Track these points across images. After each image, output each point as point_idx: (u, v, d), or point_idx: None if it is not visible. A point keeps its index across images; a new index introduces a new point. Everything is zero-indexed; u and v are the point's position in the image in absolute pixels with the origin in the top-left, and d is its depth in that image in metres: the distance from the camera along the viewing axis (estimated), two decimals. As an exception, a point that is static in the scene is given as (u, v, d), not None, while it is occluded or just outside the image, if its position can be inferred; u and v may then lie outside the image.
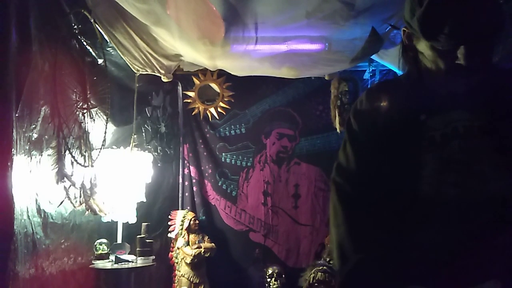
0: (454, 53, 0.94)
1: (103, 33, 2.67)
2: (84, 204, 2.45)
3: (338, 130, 3.54)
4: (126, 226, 2.93)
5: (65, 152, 2.22)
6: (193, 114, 3.90)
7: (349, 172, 1.10)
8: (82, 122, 2.45)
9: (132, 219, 2.90)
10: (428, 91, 1.05)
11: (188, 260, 3.40)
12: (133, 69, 3.07)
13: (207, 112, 3.87)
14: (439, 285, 0.98)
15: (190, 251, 3.41)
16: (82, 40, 2.58)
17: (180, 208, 3.79)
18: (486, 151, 0.98)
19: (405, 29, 1.06)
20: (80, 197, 2.41)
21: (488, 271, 0.94)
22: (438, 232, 0.98)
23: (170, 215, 3.61)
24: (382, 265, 1.00)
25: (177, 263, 3.50)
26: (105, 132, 2.75)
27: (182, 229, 3.52)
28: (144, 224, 3.06)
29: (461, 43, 0.93)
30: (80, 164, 2.39)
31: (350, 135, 1.13)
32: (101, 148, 2.69)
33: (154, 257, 3.00)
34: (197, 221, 3.59)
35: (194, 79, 3.85)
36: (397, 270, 0.99)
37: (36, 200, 2.01)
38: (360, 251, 1.03)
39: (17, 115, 1.78)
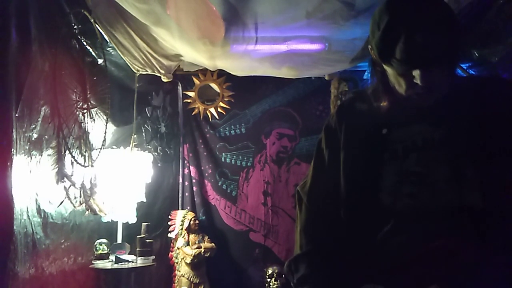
0: (411, 74, 0.97)
1: (103, 33, 2.67)
2: (84, 204, 2.45)
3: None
4: (126, 226, 2.93)
5: (65, 152, 2.22)
6: (193, 114, 3.90)
7: (309, 188, 1.22)
8: (82, 122, 2.45)
9: (132, 219, 2.90)
10: (392, 105, 1.08)
11: (188, 260, 3.40)
12: (133, 69, 3.07)
13: (207, 112, 3.87)
14: (392, 285, 1.03)
15: (190, 251, 3.41)
16: (82, 40, 2.58)
17: (180, 208, 3.79)
18: (443, 163, 1.01)
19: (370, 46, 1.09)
20: (80, 197, 2.41)
21: (432, 276, 0.98)
22: (394, 239, 1.03)
23: (170, 215, 3.61)
24: (331, 260, 1.12)
25: (177, 263, 3.50)
26: (105, 132, 2.75)
27: (182, 229, 3.52)
28: (144, 224, 3.06)
29: (413, 68, 0.96)
30: (80, 164, 2.39)
31: (318, 151, 1.22)
32: (101, 148, 2.69)
33: (154, 257, 2.99)
34: (197, 221, 3.59)
35: (194, 79, 3.85)
36: (353, 269, 1.08)
37: (36, 200, 2.01)
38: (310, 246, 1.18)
39: (17, 115, 1.78)
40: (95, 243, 2.75)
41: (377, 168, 1.07)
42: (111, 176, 2.73)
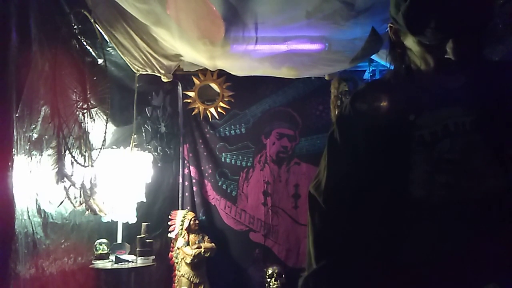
0: (443, 48, 0.91)
1: (103, 33, 2.67)
2: (84, 204, 2.45)
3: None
4: (126, 226, 2.93)
5: (65, 152, 2.21)
6: (193, 114, 3.90)
7: (325, 187, 1.06)
8: (82, 122, 2.45)
9: (132, 219, 2.90)
10: (417, 89, 1.00)
11: (188, 260, 3.40)
12: (133, 69, 3.07)
13: (207, 112, 3.87)
14: None
15: (190, 251, 3.41)
16: (82, 40, 2.58)
17: (180, 208, 3.79)
18: (479, 148, 0.93)
19: (391, 25, 1.02)
20: (80, 197, 2.41)
21: (486, 275, 0.90)
22: (431, 236, 0.93)
23: (170, 215, 3.61)
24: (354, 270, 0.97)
25: (177, 263, 3.50)
26: (105, 132, 2.75)
27: (182, 229, 3.52)
28: (144, 224, 3.06)
29: (449, 36, 0.90)
30: (80, 164, 2.39)
31: (332, 145, 1.09)
32: (101, 148, 2.69)
33: (154, 257, 2.99)
34: (197, 221, 3.59)
35: (194, 79, 3.85)
36: (382, 281, 0.95)
37: (36, 200, 2.01)
38: (328, 257, 1.01)
39: (17, 115, 1.78)
40: (95, 243, 2.75)
41: (404, 159, 0.96)
42: (111, 176, 2.73)
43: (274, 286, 3.48)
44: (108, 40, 2.75)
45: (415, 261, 0.93)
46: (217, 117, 3.90)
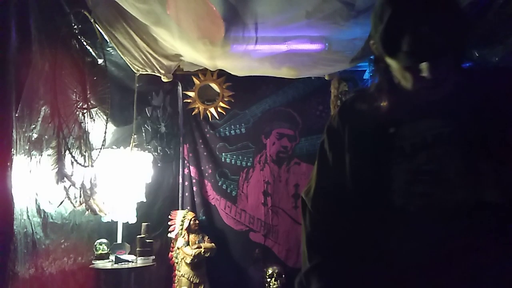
0: (418, 67, 0.93)
1: (103, 33, 2.67)
2: (84, 204, 2.45)
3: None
4: (126, 226, 2.93)
5: (65, 152, 2.21)
6: (193, 114, 3.90)
7: (314, 193, 1.14)
8: (82, 122, 2.45)
9: (132, 219, 2.90)
10: (398, 102, 1.03)
11: (188, 260, 3.40)
12: (133, 69, 3.07)
13: (207, 112, 3.87)
14: None
15: (190, 251, 3.41)
16: (82, 40, 2.58)
17: (180, 208, 3.79)
18: (455, 158, 0.95)
19: (373, 41, 1.05)
20: (80, 197, 2.41)
21: (452, 279, 0.93)
22: (408, 242, 0.97)
23: (170, 215, 3.61)
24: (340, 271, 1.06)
25: (177, 263, 3.50)
26: (105, 132, 2.75)
27: (182, 229, 3.52)
28: (144, 224, 3.06)
29: (421, 60, 0.92)
30: (80, 164, 2.39)
31: (321, 154, 1.15)
32: (101, 148, 2.69)
33: (154, 257, 2.99)
34: (197, 221, 3.59)
35: (194, 79, 3.85)
36: (366, 279, 1.01)
37: (36, 200, 2.01)
38: (319, 259, 1.10)
39: (17, 115, 1.78)
40: (95, 243, 2.75)
41: (385, 169, 1.01)
42: (111, 176, 2.73)
43: (274, 286, 3.48)
44: (108, 40, 2.75)
45: (395, 262, 0.98)
46: (217, 117, 3.90)
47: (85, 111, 2.47)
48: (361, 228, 1.03)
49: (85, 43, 2.61)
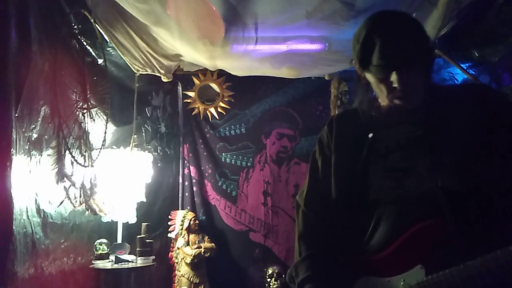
0: (389, 79, 1.11)
1: (103, 33, 2.67)
2: (84, 204, 2.45)
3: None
4: (126, 226, 2.93)
5: (65, 152, 2.21)
6: (193, 114, 3.90)
7: (306, 195, 1.35)
8: (82, 122, 2.45)
9: (132, 219, 2.90)
10: (377, 112, 1.24)
11: (188, 260, 3.40)
12: (133, 69, 3.07)
13: (207, 112, 3.87)
14: (381, 273, 1.13)
15: (190, 251, 3.41)
16: (82, 40, 2.58)
17: (180, 208, 3.79)
18: (423, 157, 1.13)
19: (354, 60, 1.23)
20: (80, 197, 2.41)
21: (417, 257, 1.10)
22: (384, 229, 1.15)
23: (170, 215, 3.61)
24: (329, 259, 1.21)
25: (177, 263, 3.50)
26: (105, 132, 2.75)
27: (182, 229, 3.52)
28: (144, 224, 3.06)
29: (389, 70, 1.10)
30: (80, 164, 2.39)
31: (313, 161, 1.36)
32: (101, 148, 2.69)
33: (154, 257, 2.99)
34: (197, 221, 3.59)
35: (194, 79, 3.85)
36: (348, 264, 1.18)
37: (36, 200, 2.01)
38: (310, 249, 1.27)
39: (17, 115, 1.78)
40: (95, 243, 2.75)
41: (364, 169, 1.19)
42: (111, 176, 2.73)
43: (274, 286, 3.48)
44: (108, 40, 2.75)
45: (374, 248, 1.16)
46: (217, 117, 3.90)
47: (85, 111, 2.47)
48: (343, 221, 1.22)
49: (85, 43, 2.61)
